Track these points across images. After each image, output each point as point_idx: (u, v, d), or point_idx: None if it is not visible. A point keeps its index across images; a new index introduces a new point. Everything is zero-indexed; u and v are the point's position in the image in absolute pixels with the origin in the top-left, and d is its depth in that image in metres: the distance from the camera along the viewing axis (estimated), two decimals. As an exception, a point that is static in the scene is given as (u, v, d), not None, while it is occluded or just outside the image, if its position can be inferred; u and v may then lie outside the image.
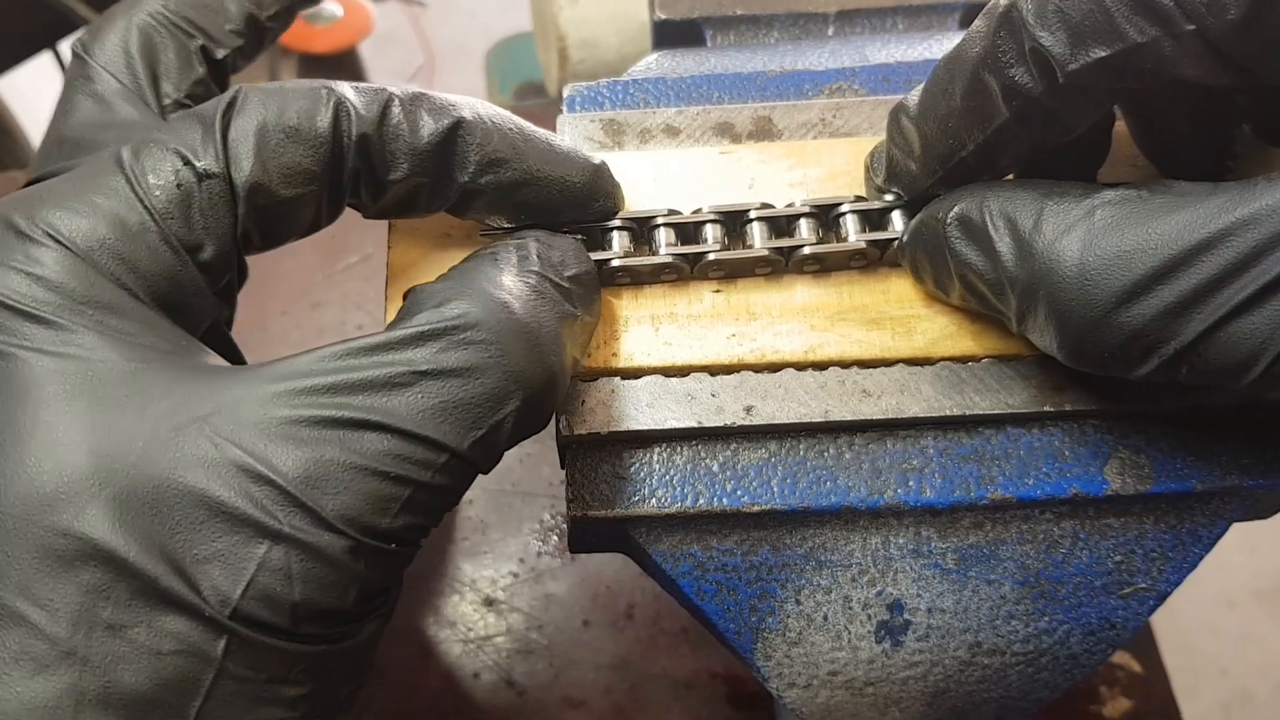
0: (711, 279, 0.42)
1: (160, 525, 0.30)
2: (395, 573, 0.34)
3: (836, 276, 0.42)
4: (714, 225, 0.41)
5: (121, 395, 0.31)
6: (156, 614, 0.30)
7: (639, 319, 0.41)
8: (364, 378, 0.32)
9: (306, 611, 0.31)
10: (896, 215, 0.42)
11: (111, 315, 0.32)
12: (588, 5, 0.83)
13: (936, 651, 0.41)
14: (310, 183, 0.36)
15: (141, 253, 0.33)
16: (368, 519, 0.31)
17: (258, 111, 0.35)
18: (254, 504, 0.30)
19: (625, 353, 0.41)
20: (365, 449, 0.31)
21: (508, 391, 0.33)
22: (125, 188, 0.34)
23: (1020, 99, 0.35)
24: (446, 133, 0.37)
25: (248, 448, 0.31)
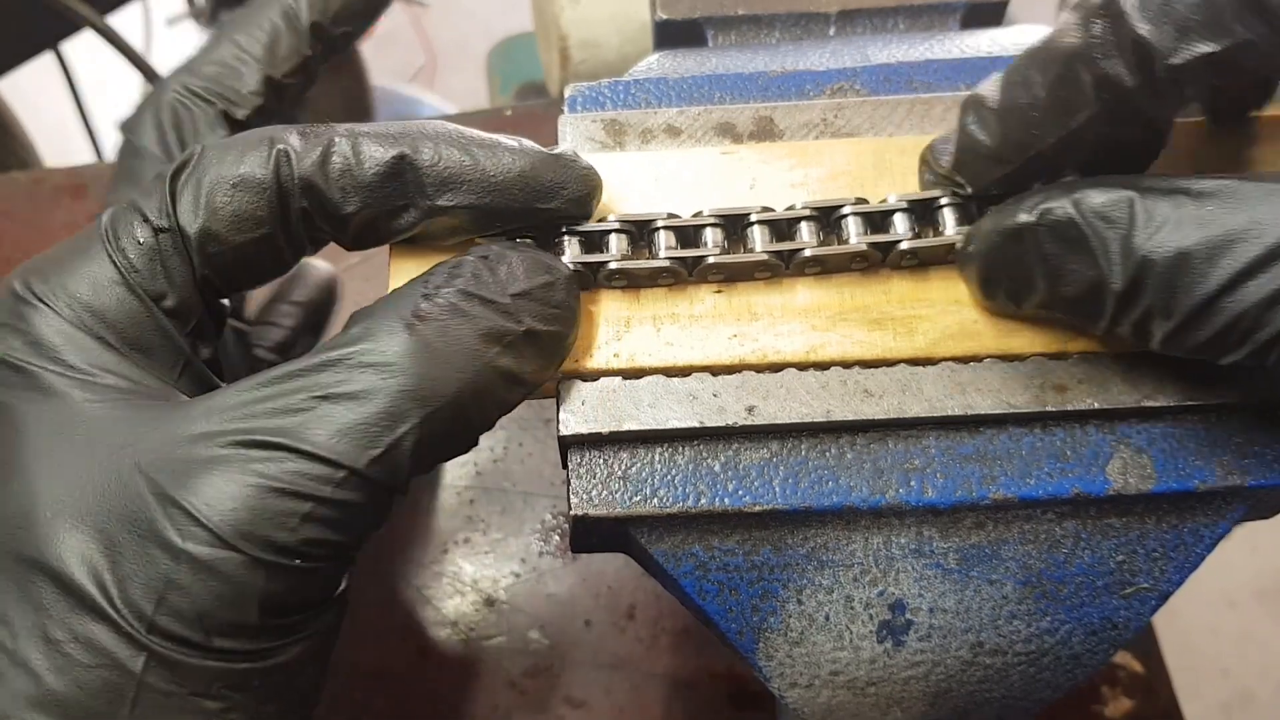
0: (711, 282, 0.42)
1: (95, 547, 0.34)
2: (307, 591, 0.36)
3: (838, 277, 0.42)
4: (714, 229, 0.41)
5: (82, 434, 0.35)
6: (88, 628, 0.33)
7: (641, 319, 0.41)
8: (273, 405, 0.35)
9: (214, 627, 0.34)
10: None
11: (85, 364, 0.37)
12: (589, 5, 0.83)
13: (938, 651, 0.41)
14: (259, 227, 0.38)
15: (111, 305, 0.37)
16: (263, 533, 0.33)
17: (208, 166, 0.38)
18: (165, 524, 0.33)
19: (627, 353, 0.41)
20: (265, 468, 0.34)
21: (403, 411, 0.35)
22: (100, 248, 0.38)
23: (1112, 92, 0.35)
24: (390, 164, 0.38)
25: (161, 474, 0.34)
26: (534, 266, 0.38)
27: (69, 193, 0.84)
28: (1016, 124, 0.38)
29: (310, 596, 0.36)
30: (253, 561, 0.33)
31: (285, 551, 0.34)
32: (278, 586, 0.34)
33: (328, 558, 0.35)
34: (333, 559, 0.35)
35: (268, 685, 0.35)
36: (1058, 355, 0.41)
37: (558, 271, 0.39)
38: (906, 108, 0.46)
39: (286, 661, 0.36)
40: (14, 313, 0.37)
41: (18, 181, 0.85)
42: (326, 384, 0.35)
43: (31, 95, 1.27)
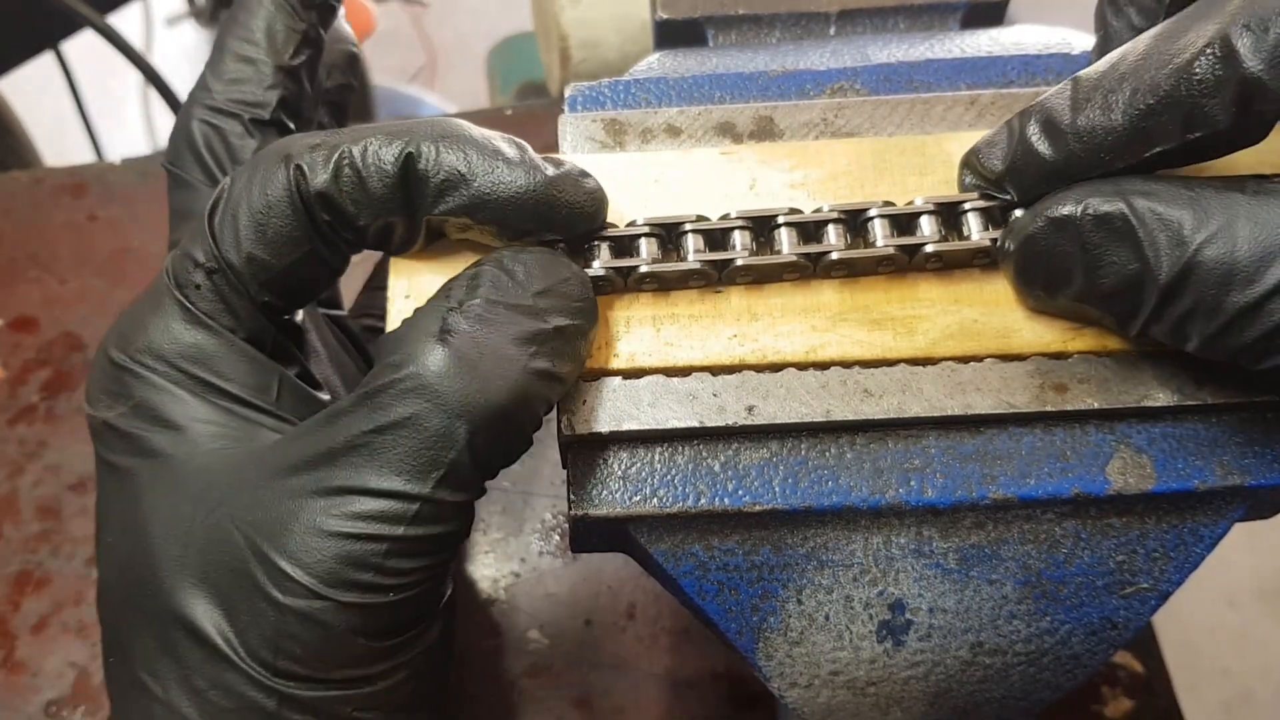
0: (740, 284, 0.42)
1: (213, 602, 0.36)
2: (411, 613, 0.37)
3: (839, 278, 0.42)
4: (742, 231, 0.41)
5: (187, 492, 0.37)
6: (223, 677, 0.35)
7: (640, 319, 0.41)
8: (330, 447, 0.36)
9: (331, 664, 0.35)
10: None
11: (184, 418, 0.38)
12: (589, 5, 0.83)
13: (938, 651, 0.41)
14: (299, 246, 0.39)
15: (194, 350, 0.39)
16: (351, 578, 0.35)
17: (237, 198, 0.39)
18: (265, 580, 0.35)
19: (627, 353, 0.41)
20: (339, 516, 0.35)
21: (452, 428, 0.35)
22: (169, 299, 0.39)
23: (1203, 130, 0.35)
24: (399, 172, 0.38)
25: (252, 532, 0.35)
26: (550, 265, 0.38)
27: (69, 192, 0.84)
28: (1088, 145, 0.37)
29: (416, 615, 0.37)
30: (347, 605, 0.35)
31: (376, 589, 0.35)
32: (378, 619, 0.36)
33: (421, 582, 0.36)
34: (426, 580, 0.36)
35: (396, 697, 0.37)
36: (1058, 355, 0.41)
37: (572, 267, 0.39)
38: (907, 107, 0.46)
39: (408, 675, 0.37)
40: (116, 380, 0.39)
41: (18, 181, 0.85)
42: (376, 417, 0.35)
43: (31, 95, 1.27)
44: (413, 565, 0.35)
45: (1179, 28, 0.36)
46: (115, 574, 0.38)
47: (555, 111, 0.47)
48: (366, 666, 0.36)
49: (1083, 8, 0.67)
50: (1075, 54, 0.48)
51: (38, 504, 0.69)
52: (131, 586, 0.37)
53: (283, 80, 0.46)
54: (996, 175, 0.40)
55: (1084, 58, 0.48)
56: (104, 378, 0.40)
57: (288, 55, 0.46)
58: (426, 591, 0.37)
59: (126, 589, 0.38)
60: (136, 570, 0.37)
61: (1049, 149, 0.38)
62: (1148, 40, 0.36)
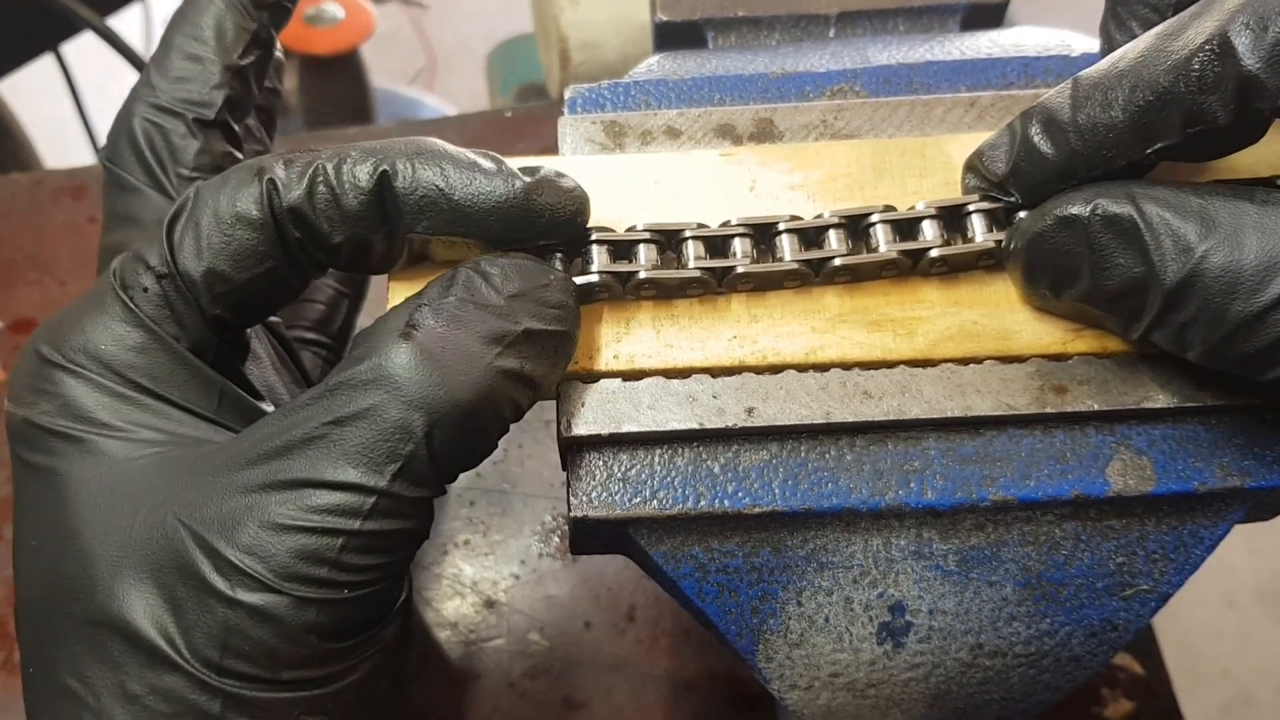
0: (741, 291, 0.41)
1: (155, 601, 0.34)
2: (365, 612, 0.36)
3: (840, 280, 0.42)
4: (743, 238, 0.41)
5: (126, 491, 0.36)
6: (163, 680, 0.34)
7: (640, 321, 0.41)
8: (288, 439, 0.35)
9: (280, 663, 0.34)
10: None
11: (119, 420, 0.37)
12: (589, 7, 0.83)
13: (938, 653, 0.41)
14: (262, 261, 0.38)
15: (134, 354, 0.38)
16: (305, 572, 0.34)
17: (203, 207, 0.38)
18: (214, 576, 0.34)
19: (626, 355, 0.41)
20: (293, 508, 0.34)
21: (409, 420, 0.35)
22: (113, 300, 0.38)
23: (1203, 127, 0.35)
24: (374, 188, 0.37)
25: (202, 527, 0.34)
26: (527, 271, 0.38)
27: (69, 194, 0.84)
28: (1090, 143, 0.37)
29: (370, 616, 0.36)
30: (303, 600, 0.34)
31: (331, 585, 0.34)
32: (333, 616, 0.35)
33: (377, 579, 0.35)
34: (383, 579, 0.36)
35: (345, 703, 0.36)
36: (1058, 357, 0.41)
37: (552, 273, 0.39)
38: (907, 109, 0.46)
39: (359, 679, 0.36)
40: (43, 376, 0.38)
41: (18, 182, 0.85)
42: (335, 409, 0.35)
43: (31, 96, 1.27)
44: (369, 562, 0.35)
45: (1178, 26, 0.36)
46: (39, 578, 0.37)
47: (555, 113, 0.47)
48: (317, 667, 0.35)
49: (1083, 9, 0.67)
50: (1075, 55, 0.48)
51: (37, 506, 0.69)
52: (58, 590, 0.36)
53: (230, 80, 0.45)
54: (1000, 177, 0.40)
55: (1084, 59, 0.48)
56: (29, 374, 0.38)
57: (236, 55, 0.45)
58: (383, 591, 0.36)
59: (52, 593, 0.36)
60: (65, 573, 0.36)
61: (1051, 148, 0.38)
62: (1148, 39, 0.36)
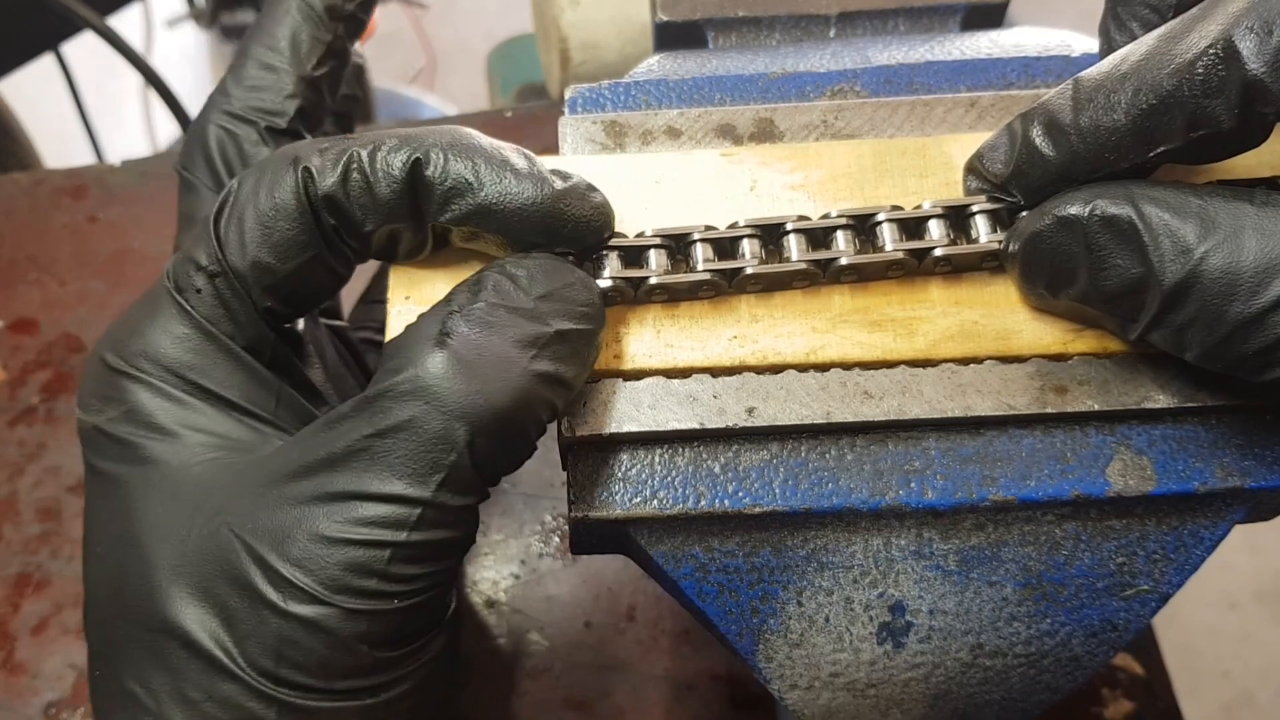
0: (750, 293, 0.41)
1: (210, 611, 0.35)
2: (416, 621, 0.37)
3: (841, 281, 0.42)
4: (751, 239, 0.41)
5: (184, 499, 0.37)
6: (220, 688, 0.35)
7: (640, 321, 0.41)
8: (330, 453, 0.35)
9: (334, 672, 0.35)
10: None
11: (179, 425, 0.38)
12: (589, 7, 0.83)
13: (938, 653, 0.41)
14: (304, 250, 0.39)
15: (193, 356, 0.38)
16: (355, 584, 0.34)
17: (244, 201, 0.38)
18: (267, 588, 0.34)
19: (627, 354, 0.41)
20: (340, 522, 0.35)
21: (451, 430, 0.35)
22: (168, 303, 0.39)
23: (1205, 130, 0.35)
24: (407, 178, 0.38)
25: (253, 538, 0.35)
26: (552, 270, 0.38)
27: (69, 193, 0.84)
28: (1092, 145, 0.37)
29: (420, 625, 0.37)
30: (352, 612, 0.34)
31: (380, 595, 0.35)
32: (383, 626, 0.35)
33: (426, 589, 0.36)
34: (431, 588, 0.36)
35: (398, 712, 0.37)
36: (1058, 357, 0.41)
37: (576, 272, 0.39)
38: (907, 109, 0.46)
39: (411, 688, 0.37)
40: (110, 384, 0.38)
41: (18, 182, 0.85)
42: (376, 421, 0.35)
43: (32, 96, 1.27)
44: (417, 571, 0.35)
45: (1182, 28, 0.36)
46: (105, 584, 0.37)
47: (555, 113, 0.47)
48: (370, 676, 0.36)
49: (1082, 9, 0.67)
50: (1075, 56, 0.48)
51: (37, 506, 0.69)
52: (122, 596, 0.37)
53: (303, 90, 0.45)
54: (1001, 179, 0.40)
55: (1084, 59, 0.48)
56: (96, 381, 0.39)
57: (310, 65, 0.46)
58: (432, 599, 0.36)
59: (116, 599, 0.37)
60: (128, 579, 0.36)
61: (1052, 150, 0.38)
62: (1150, 41, 0.36)
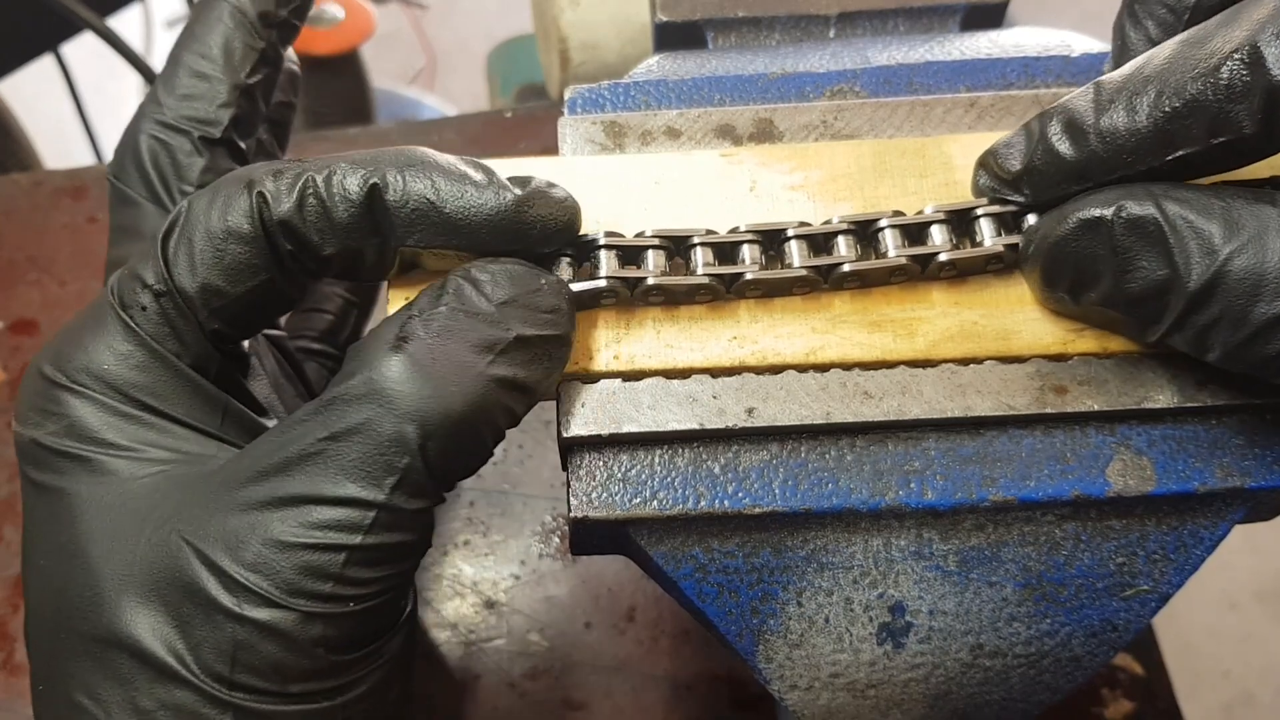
0: (749, 298, 0.41)
1: (162, 619, 0.35)
2: (372, 623, 0.36)
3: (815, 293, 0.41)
4: (751, 244, 0.41)
5: (130, 510, 0.36)
6: (173, 695, 0.34)
7: (640, 321, 0.41)
8: (286, 456, 0.35)
9: (289, 676, 0.35)
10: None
11: (125, 440, 0.37)
12: (589, 7, 0.83)
13: (938, 654, 0.41)
14: (256, 275, 0.38)
15: (136, 373, 0.38)
16: (311, 587, 0.34)
17: (195, 223, 0.38)
18: (220, 593, 0.34)
19: (627, 355, 0.41)
20: (294, 525, 0.34)
21: (404, 434, 0.35)
22: (112, 319, 0.38)
23: (1227, 136, 0.35)
24: (364, 201, 0.37)
25: (206, 544, 0.35)
26: (518, 276, 0.38)
27: (69, 194, 0.84)
28: (1111, 147, 0.37)
29: (377, 628, 0.37)
30: (309, 615, 0.34)
31: (336, 599, 0.34)
32: (340, 630, 0.35)
33: (382, 592, 0.36)
34: (387, 590, 0.36)
35: (354, 714, 0.37)
36: (1058, 357, 0.41)
37: (544, 277, 0.38)
38: (906, 109, 0.46)
39: (368, 690, 0.37)
40: (49, 398, 0.38)
41: (18, 183, 0.85)
42: (330, 424, 0.35)
43: (31, 97, 1.27)
44: (373, 574, 0.35)
45: (1205, 34, 0.36)
46: (47, 596, 0.37)
47: (555, 114, 0.47)
48: (326, 679, 0.35)
49: (1082, 10, 0.67)
50: (1075, 56, 0.48)
51: (37, 506, 0.69)
52: (65, 609, 0.36)
53: (237, 99, 0.45)
54: (1013, 175, 0.40)
55: (1084, 59, 0.48)
56: (35, 395, 0.38)
57: (244, 74, 0.45)
58: (388, 602, 0.36)
59: (60, 611, 0.36)
60: (73, 592, 0.36)
61: (1071, 149, 0.38)
62: (1173, 45, 0.36)
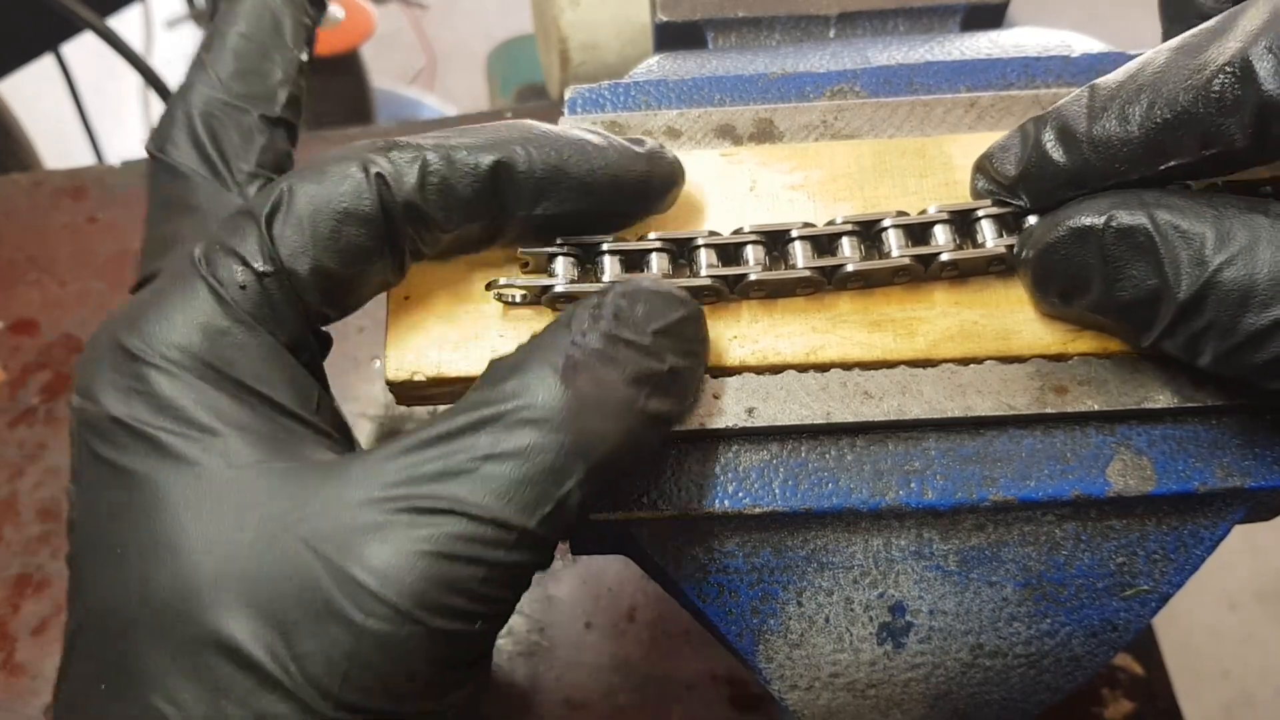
0: (754, 299, 0.41)
1: (268, 623, 0.32)
2: (482, 644, 0.36)
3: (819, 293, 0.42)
4: (755, 245, 0.41)
5: (230, 504, 0.34)
6: (270, 707, 0.32)
7: (641, 321, 0.41)
8: (435, 468, 0.34)
9: (397, 693, 0.33)
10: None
11: (218, 423, 0.35)
12: (589, 7, 0.83)
13: (938, 654, 0.41)
14: (370, 256, 0.37)
15: (235, 353, 0.36)
16: (444, 602, 0.33)
17: (305, 204, 0.37)
18: (343, 601, 0.32)
19: (627, 355, 0.41)
20: (437, 536, 0.33)
21: (568, 466, 0.34)
22: (204, 293, 0.36)
23: (1218, 148, 0.35)
24: (487, 178, 0.37)
25: (329, 547, 0.33)
26: (670, 302, 0.37)
27: (69, 194, 0.84)
28: (1103, 155, 0.37)
29: (485, 647, 0.36)
30: (436, 630, 0.33)
31: (467, 616, 0.33)
32: (460, 649, 0.34)
33: (505, 613, 0.35)
34: (508, 612, 0.35)
35: None
36: (1058, 357, 0.41)
37: (690, 305, 0.38)
38: (906, 110, 0.46)
39: (454, 704, 0.36)
40: (132, 374, 0.35)
41: (18, 183, 0.85)
42: (487, 444, 0.34)
43: (31, 97, 1.27)
44: (502, 594, 0.34)
45: (1198, 43, 0.35)
46: (124, 590, 0.34)
47: (555, 114, 0.47)
48: (423, 698, 0.34)
49: (1083, 10, 0.67)
50: (1075, 56, 0.48)
51: (38, 506, 0.69)
52: (148, 605, 0.34)
53: (294, 76, 0.44)
54: (1010, 180, 0.40)
55: (1084, 59, 0.48)
56: (113, 368, 0.36)
57: (297, 50, 0.45)
58: (495, 630, 0.36)
59: (142, 608, 0.34)
60: (158, 587, 0.33)
61: (1064, 156, 0.38)
62: (1167, 53, 0.36)
